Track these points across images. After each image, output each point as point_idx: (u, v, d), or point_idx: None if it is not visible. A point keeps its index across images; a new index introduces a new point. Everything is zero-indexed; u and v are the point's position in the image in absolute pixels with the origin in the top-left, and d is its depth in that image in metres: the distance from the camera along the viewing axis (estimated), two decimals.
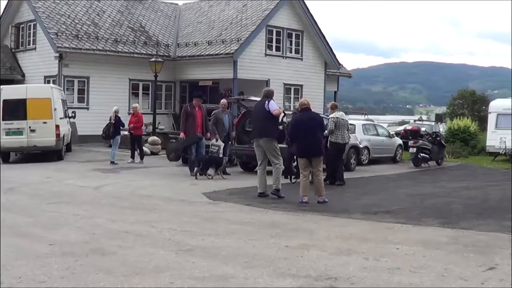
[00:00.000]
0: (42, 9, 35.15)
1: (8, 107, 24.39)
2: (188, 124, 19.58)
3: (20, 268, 7.62)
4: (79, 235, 9.70)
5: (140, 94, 36.64)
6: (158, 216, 11.72)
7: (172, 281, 7.08)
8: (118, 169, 21.56)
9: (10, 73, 36.76)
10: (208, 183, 17.30)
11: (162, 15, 41.76)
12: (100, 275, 7.28)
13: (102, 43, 34.89)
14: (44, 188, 16.15)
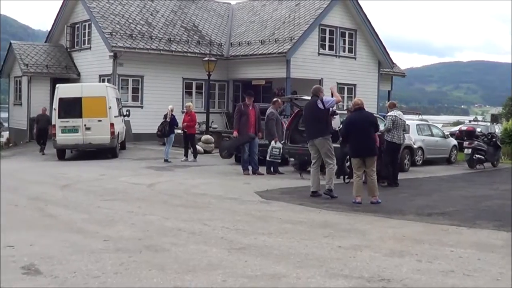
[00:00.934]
0: (97, 9, 35.57)
1: (64, 105, 24.76)
2: (241, 123, 19.61)
3: (75, 263, 7.72)
4: (133, 232, 9.80)
5: (194, 93, 36.83)
6: (211, 214, 11.76)
7: (225, 279, 7.11)
8: (171, 167, 21.71)
9: (65, 72, 37.30)
10: (261, 182, 17.31)
11: (215, 15, 41.91)
12: (153, 272, 7.34)
13: (156, 43, 35.16)
14: (98, 185, 16.33)
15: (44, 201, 13.04)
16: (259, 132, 20.02)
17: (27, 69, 36.46)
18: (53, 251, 8.29)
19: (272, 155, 19.39)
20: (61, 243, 8.83)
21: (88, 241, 9.06)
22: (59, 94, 24.94)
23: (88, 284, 6.81)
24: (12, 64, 40.35)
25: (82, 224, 10.52)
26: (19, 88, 39.46)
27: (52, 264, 7.64)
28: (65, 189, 15.27)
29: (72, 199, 13.61)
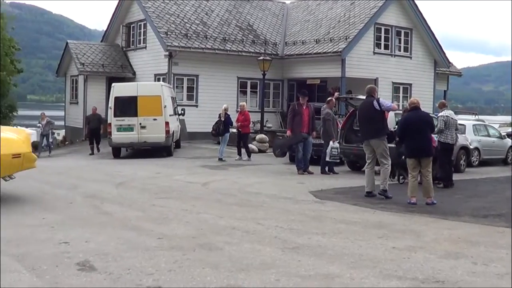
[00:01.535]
0: (152, 9, 35.85)
1: (120, 104, 25.04)
2: (295, 122, 19.58)
3: (129, 259, 7.78)
4: (187, 230, 9.83)
5: (248, 92, 36.87)
6: (265, 213, 11.76)
7: (278, 278, 7.09)
8: (226, 166, 21.78)
9: (121, 71, 37.68)
10: (315, 182, 17.26)
11: (269, 14, 41.91)
12: (206, 270, 7.36)
13: (211, 42, 35.29)
14: (153, 183, 16.45)
15: (99, 198, 13.18)
16: (312, 131, 19.97)
17: (83, 68, 36.91)
18: (108, 248, 8.37)
19: (331, 156, 19.33)
20: (116, 240, 8.90)
21: (142, 238, 9.12)
22: (115, 93, 25.22)
23: (142, 281, 6.85)
24: (68, 64, 40.90)
25: (136, 221, 10.60)
26: (75, 87, 39.98)
27: (107, 260, 7.71)
28: (120, 187, 15.41)
29: (127, 196, 13.74)
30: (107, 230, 9.65)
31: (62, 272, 7.16)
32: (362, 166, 17.24)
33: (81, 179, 14.26)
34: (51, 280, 6.85)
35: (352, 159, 20.85)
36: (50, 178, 16.71)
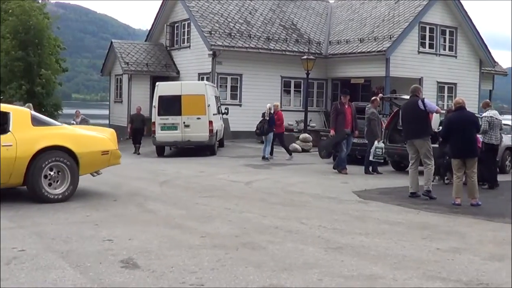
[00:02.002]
0: (196, 8, 35.98)
1: (164, 103, 25.17)
2: (338, 121, 19.55)
3: (173, 258, 7.82)
4: (230, 229, 9.86)
5: (292, 92, 36.81)
6: (308, 213, 11.73)
7: (320, 278, 7.08)
8: (269, 165, 21.79)
9: (165, 70, 37.89)
10: (359, 182, 17.20)
11: (313, 13, 41.82)
12: (249, 269, 7.36)
13: (255, 41, 35.31)
14: (197, 181, 16.51)
15: (143, 196, 13.25)
16: (355, 130, 19.93)
17: (127, 67, 37.17)
18: (151, 246, 8.42)
19: (375, 155, 19.24)
20: (159, 238, 8.95)
21: (185, 236, 9.16)
22: (159, 92, 25.37)
23: (185, 279, 6.88)
24: (113, 63, 41.23)
25: (180, 220, 10.65)
26: (120, 86, 40.30)
27: (150, 258, 7.75)
28: (164, 185, 15.50)
29: (170, 195, 13.80)
30: (151, 228, 9.71)
31: (105, 269, 7.22)
32: (406, 166, 17.10)
33: (125, 177, 14.36)
34: (94, 277, 6.91)
35: (396, 159, 20.70)
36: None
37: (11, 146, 11.59)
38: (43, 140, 12.04)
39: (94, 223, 10.04)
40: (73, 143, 12.46)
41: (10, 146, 11.58)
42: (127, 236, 9.02)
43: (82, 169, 12.59)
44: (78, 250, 8.10)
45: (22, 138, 11.78)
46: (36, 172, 11.85)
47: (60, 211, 11.13)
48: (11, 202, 11.75)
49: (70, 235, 8.98)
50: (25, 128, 12.02)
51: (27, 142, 11.83)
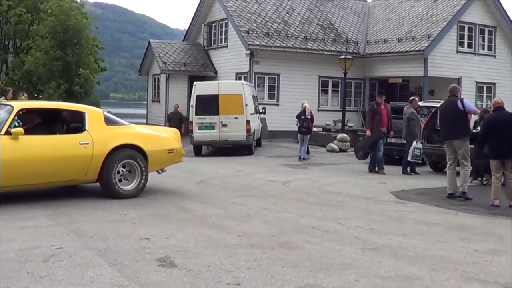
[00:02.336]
0: (233, 8, 36.03)
1: (201, 103, 25.25)
2: (374, 121, 19.51)
3: (209, 257, 7.84)
4: (267, 228, 9.85)
5: (330, 91, 36.73)
6: (345, 213, 11.70)
7: (357, 279, 7.05)
8: (306, 165, 21.76)
9: (203, 69, 38.00)
10: (396, 182, 17.11)
11: (351, 12, 41.68)
12: (285, 269, 7.36)
13: (292, 41, 35.27)
14: (234, 181, 16.53)
15: (180, 195, 13.31)
16: (390, 131, 19.86)
17: (165, 67, 37.34)
18: (188, 245, 8.45)
19: (414, 156, 19.12)
20: (196, 237, 8.98)
21: (222, 236, 9.18)
22: (196, 92, 25.44)
23: (222, 278, 6.89)
24: (151, 62, 41.43)
25: (217, 219, 10.67)
26: (157, 85, 40.50)
27: (187, 257, 7.78)
28: (201, 184, 15.54)
29: (208, 194, 13.83)
30: (188, 227, 9.74)
31: (142, 268, 7.26)
32: (444, 167, 16.95)
33: (161, 176, 14.40)
34: (131, 275, 6.95)
35: (434, 160, 20.53)
36: None
37: (88, 144, 12.20)
38: (116, 139, 12.69)
39: (131, 221, 10.11)
40: (143, 141, 13.14)
41: (87, 144, 12.19)
42: (164, 234, 9.06)
43: (150, 167, 13.24)
44: (116, 248, 8.16)
45: (98, 137, 12.39)
46: (110, 169, 12.45)
47: (98, 209, 11.22)
48: (49, 201, 11.88)
49: (108, 233, 9.05)
50: (99, 127, 12.64)
51: (102, 141, 12.43)
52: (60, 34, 34.89)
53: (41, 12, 37.84)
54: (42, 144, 11.85)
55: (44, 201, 11.74)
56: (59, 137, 12.42)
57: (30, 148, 11.55)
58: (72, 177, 12.37)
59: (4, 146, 11.13)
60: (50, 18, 35.45)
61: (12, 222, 9.75)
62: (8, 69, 40.76)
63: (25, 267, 7.16)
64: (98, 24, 44.46)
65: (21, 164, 11.38)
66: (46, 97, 34.32)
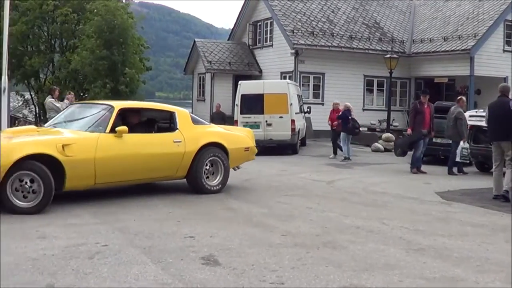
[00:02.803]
0: (278, 7, 36.08)
1: (246, 102, 25.29)
2: (416, 121, 19.40)
3: (253, 255, 7.86)
4: (311, 228, 9.85)
5: (375, 91, 36.63)
6: (389, 213, 11.65)
7: (401, 279, 7.02)
8: (351, 165, 21.68)
9: (248, 69, 38.09)
10: (442, 182, 16.97)
11: (396, 11, 41.48)
12: (329, 268, 7.35)
13: (337, 40, 35.22)
14: (279, 180, 16.54)
15: (225, 194, 13.32)
16: (433, 131, 19.70)
17: (210, 66, 37.51)
18: (232, 243, 8.48)
19: (462, 156, 18.96)
20: (240, 236, 9.01)
21: (266, 235, 9.19)
22: (241, 91, 25.50)
23: (265, 278, 6.91)
24: (196, 61, 41.64)
25: (261, 218, 10.69)
26: (202, 84, 40.69)
27: (231, 256, 7.81)
28: (245, 183, 15.57)
29: (252, 193, 13.86)
30: (232, 226, 9.78)
31: (187, 266, 7.31)
32: (490, 167, 16.77)
33: None
34: (176, 273, 7.00)
35: (480, 160, 20.32)
36: None
37: (181, 142, 12.99)
38: (204, 137, 13.52)
39: (176, 219, 10.18)
40: (225, 140, 13.95)
41: (180, 142, 12.98)
42: (208, 233, 9.10)
43: (230, 164, 14.05)
44: (160, 246, 8.22)
45: (188, 135, 13.19)
46: (200, 166, 13.23)
47: (143, 207, 11.31)
48: (95, 199, 11.99)
49: (153, 231, 9.12)
50: (188, 127, 13.46)
51: (192, 139, 13.22)
52: (106, 34, 35.15)
53: (87, 12, 38.22)
54: (142, 142, 12.56)
55: (89, 200, 11.86)
56: (156, 135, 13.24)
57: (132, 146, 12.18)
58: (165, 173, 13.08)
59: (109, 143, 11.71)
60: (96, 18, 35.75)
61: (57, 220, 9.89)
62: (55, 68, 41.20)
63: (70, 264, 7.24)
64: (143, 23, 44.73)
65: (124, 161, 12.00)
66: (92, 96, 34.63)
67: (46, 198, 10.58)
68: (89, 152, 11.32)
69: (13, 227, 9.18)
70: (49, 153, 10.66)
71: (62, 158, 10.77)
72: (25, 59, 38.51)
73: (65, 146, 10.90)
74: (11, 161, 10.17)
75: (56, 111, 19.85)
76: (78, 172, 11.10)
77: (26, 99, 45.65)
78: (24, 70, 38.83)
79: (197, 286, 6.59)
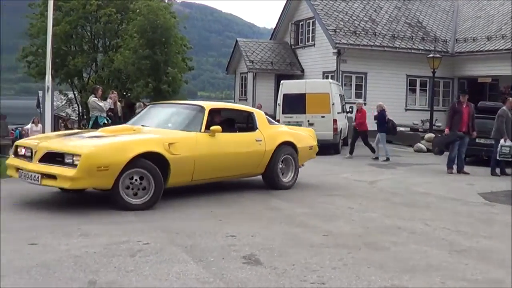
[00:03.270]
0: (321, 7, 36.06)
1: (288, 101, 25.30)
2: (454, 120, 19.23)
3: (294, 255, 7.86)
4: (352, 228, 9.83)
5: (417, 91, 36.41)
6: (432, 214, 11.56)
7: (443, 281, 6.97)
8: (393, 165, 21.57)
9: (290, 68, 38.11)
10: (484, 183, 16.81)
11: (439, 10, 41.19)
12: (371, 269, 7.33)
13: (380, 39, 35.08)
14: (321, 180, 16.51)
15: (267, 194, 13.36)
16: (472, 131, 19.48)
17: (252, 66, 37.58)
18: (273, 243, 8.49)
19: (501, 154, 18.76)
20: (282, 235, 9.02)
21: (308, 235, 9.19)
22: (283, 90, 25.52)
23: (306, 278, 6.90)
24: (238, 61, 41.75)
25: (303, 218, 10.68)
26: (245, 84, 40.77)
27: (272, 255, 7.82)
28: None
29: (294, 193, 13.85)
30: (274, 225, 9.79)
31: (228, 265, 7.34)
32: None
33: None
34: (217, 272, 7.03)
35: None
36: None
37: (261, 141, 13.72)
38: (279, 136, 14.33)
39: (218, 218, 10.21)
40: (295, 139, 14.76)
41: (261, 141, 13.70)
42: (250, 232, 9.12)
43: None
44: (202, 245, 8.25)
45: (266, 135, 13.94)
46: (276, 163, 14.03)
47: (185, 206, 11.36)
48: None
49: (194, 230, 9.16)
50: (265, 127, 14.23)
51: (270, 138, 13.97)
52: (149, 33, 35.35)
53: (130, 11, 38.51)
54: (231, 140, 13.18)
55: None
56: (242, 134, 13.82)
57: (224, 144, 12.77)
58: (248, 170, 13.75)
59: (205, 142, 12.28)
60: (138, 18, 36.00)
61: (99, 217, 9.99)
62: (98, 67, 41.56)
63: (112, 262, 7.31)
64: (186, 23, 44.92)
65: (217, 158, 12.60)
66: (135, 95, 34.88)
67: (156, 195, 11.05)
68: (190, 150, 11.87)
69: (55, 225, 9.29)
70: (158, 151, 11.15)
71: (168, 156, 11.27)
72: (68, 58, 38.93)
73: (170, 144, 11.44)
74: (127, 158, 10.58)
75: (99, 110, 20.02)
76: (180, 170, 11.60)
77: (69, 98, 46.13)
78: (68, 70, 39.24)
79: (238, 285, 6.61)
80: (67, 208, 10.84)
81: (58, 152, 10.55)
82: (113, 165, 10.40)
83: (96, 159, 10.27)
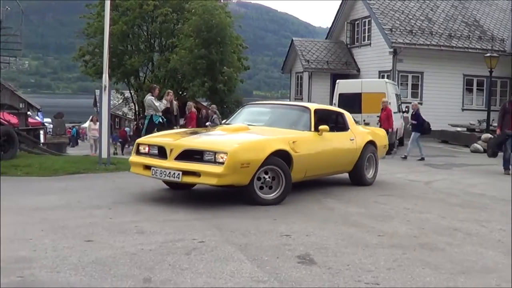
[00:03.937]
0: (377, 6, 35.93)
1: (344, 101, 25.30)
2: (504, 121, 19.01)
3: (349, 255, 7.85)
4: (408, 229, 9.77)
5: (474, 90, 36.01)
6: (488, 216, 11.43)
7: (499, 283, 6.89)
8: (450, 165, 21.39)
9: (345, 68, 38.03)
10: None
11: (496, 9, 40.72)
12: (426, 270, 7.28)
13: (436, 38, 34.80)
14: (376, 180, 16.34)
15: (323, 193, 13.35)
16: None
17: (308, 65, 37.58)
18: (328, 243, 8.49)
19: None
20: (337, 235, 9.01)
21: (363, 235, 9.16)
22: (339, 90, 25.53)
23: (361, 278, 6.90)
24: (293, 60, 41.78)
25: (358, 218, 10.66)
26: (300, 83, 40.78)
27: (327, 255, 7.82)
28: (343, 182, 15.52)
29: (350, 193, 13.82)
30: (329, 225, 9.78)
31: (282, 264, 7.35)
32: None
33: None
34: (271, 271, 7.05)
35: None
36: None
37: (354, 140, 14.56)
38: (364, 136, 15.16)
39: (272, 218, 10.23)
40: (375, 138, 15.64)
41: (353, 140, 14.54)
42: (304, 232, 9.13)
43: None
44: (256, 244, 8.29)
45: (356, 134, 14.83)
46: (363, 161, 14.89)
47: (239, 205, 11.40)
48: (191, 196, 12.16)
49: (249, 229, 9.20)
50: (354, 127, 15.18)
51: (359, 138, 14.84)
52: (204, 33, 35.64)
53: (186, 11, 38.79)
54: (334, 139, 13.97)
55: (186, 197, 12.05)
56: (340, 133, 14.55)
57: (329, 143, 13.58)
58: (343, 167, 14.59)
59: (316, 140, 13.07)
60: (194, 18, 36.28)
61: (155, 215, 10.09)
62: (154, 67, 41.96)
63: (167, 259, 7.38)
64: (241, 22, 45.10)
65: (325, 156, 13.40)
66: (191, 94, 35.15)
67: (286, 190, 11.72)
68: (307, 148, 12.60)
69: (112, 222, 9.43)
70: (286, 149, 11.81)
71: (293, 153, 11.94)
72: (125, 58, 39.44)
73: (293, 143, 12.09)
74: (264, 156, 11.20)
75: (154, 110, 20.19)
76: (299, 167, 12.22)
77: (126, 97, 46.69)
78: (124, 69, 39.73)
79: (292, 284, 6.63)
80: (122, 206, 11.00)
81: (198, 150, 11.05)
82: (253, 162, 11.00)
83: (240, 156, 10.82)
